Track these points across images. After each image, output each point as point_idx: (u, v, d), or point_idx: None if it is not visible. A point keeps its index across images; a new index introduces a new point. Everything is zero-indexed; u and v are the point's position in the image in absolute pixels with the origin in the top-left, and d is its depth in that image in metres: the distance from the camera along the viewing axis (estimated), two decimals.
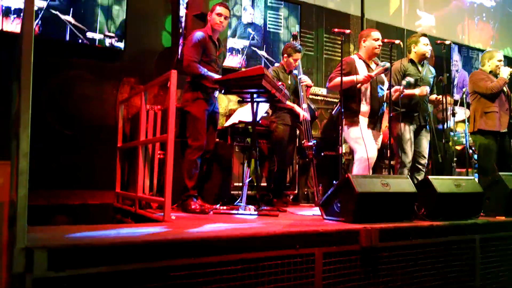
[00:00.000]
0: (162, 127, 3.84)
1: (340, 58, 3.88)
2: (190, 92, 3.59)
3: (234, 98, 5.07)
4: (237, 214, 3.23)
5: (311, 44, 6.08)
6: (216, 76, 3.49)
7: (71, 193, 4.41)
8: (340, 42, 3.88)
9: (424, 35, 4.38)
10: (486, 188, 3.52)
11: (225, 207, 3.45)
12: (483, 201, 3.44)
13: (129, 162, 4.26)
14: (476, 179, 3.99)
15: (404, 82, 3.98)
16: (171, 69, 2.88)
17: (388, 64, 3.84)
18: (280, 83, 3.46)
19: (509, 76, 4.60)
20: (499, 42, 8.68)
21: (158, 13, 5.13)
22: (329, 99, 5.22)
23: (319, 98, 5.24)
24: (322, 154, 4.86)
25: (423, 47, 4.30)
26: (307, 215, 3.43)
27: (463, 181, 3.27)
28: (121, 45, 4.73)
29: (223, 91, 3.41)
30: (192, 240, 2.02)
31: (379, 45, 3.99)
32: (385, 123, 4.26)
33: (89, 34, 4.55)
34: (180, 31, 5.01)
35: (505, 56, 5.34)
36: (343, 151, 5.05)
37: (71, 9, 4.45)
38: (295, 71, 4.52)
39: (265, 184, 4.46)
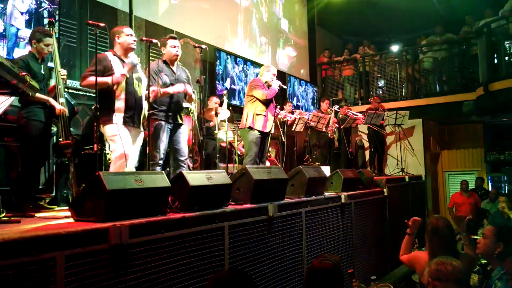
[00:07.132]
0: None
1: (98, 52, 3.73)
2: None
3: None
4: None
5: (73, 35, 5.64)
6: None
7: None
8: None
9: (173, 37, 4.42)
10: (235, 180, 3.93)
11: None
12: (233, 192, 3.83)
13: None
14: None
15: (160, 82, 4.08)
16: None
17: (133, 60, 3.92)
18: (24, 73, 3.07)
19: (278, 88, 5.43)
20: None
21: None
22: (91, 94, 4.95)
23: (81, 93, 4.92)
24: (83, 152, 4.58)
25: (171, 49, 4.37)
26: (57, 217, 3.16)
27: (214, 174, 3.56)
28: None
29: None
30: None
31: (134, 41, 3.99)
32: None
33: None
34: None
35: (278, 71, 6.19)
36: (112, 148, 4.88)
37: None
38: (51, 63, 4.11)
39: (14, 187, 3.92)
